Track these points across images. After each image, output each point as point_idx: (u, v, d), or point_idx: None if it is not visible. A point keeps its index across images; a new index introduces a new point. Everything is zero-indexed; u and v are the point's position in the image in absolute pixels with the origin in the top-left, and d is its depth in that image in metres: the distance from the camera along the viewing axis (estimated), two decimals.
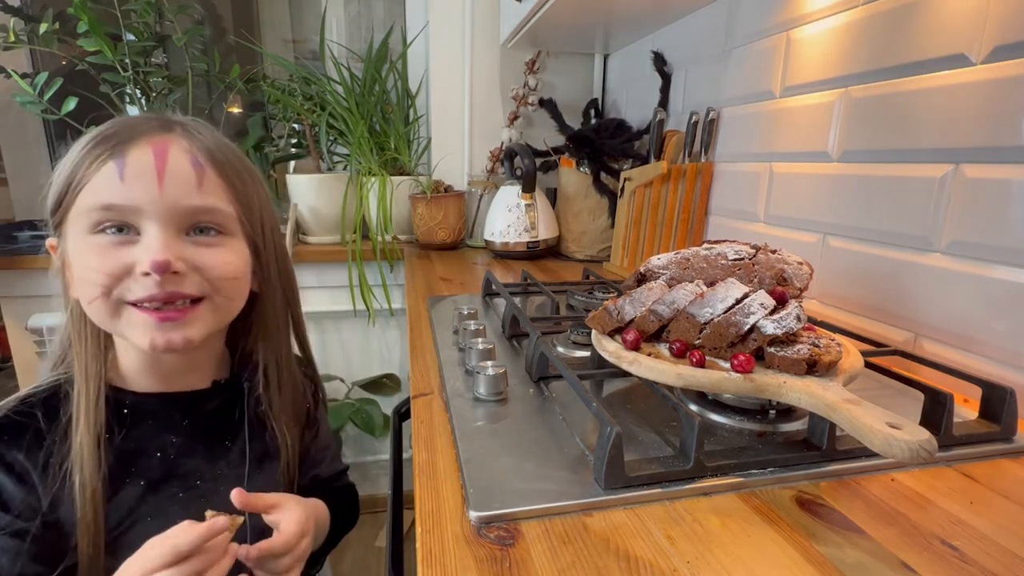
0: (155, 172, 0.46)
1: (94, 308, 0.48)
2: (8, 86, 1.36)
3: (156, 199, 0.46)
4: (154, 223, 0.47)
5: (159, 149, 0.47)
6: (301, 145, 1.61)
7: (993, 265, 0.57)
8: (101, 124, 0.49)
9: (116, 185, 0.46)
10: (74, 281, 0.49)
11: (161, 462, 0.52)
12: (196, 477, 0.54)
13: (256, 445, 0.59)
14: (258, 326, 0.59)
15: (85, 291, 0.47)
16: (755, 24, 0.92)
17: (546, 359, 0.58)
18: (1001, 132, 0.55)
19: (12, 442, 0.48)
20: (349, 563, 1.50)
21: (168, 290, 0.47)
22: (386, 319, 1.59)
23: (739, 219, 0.98)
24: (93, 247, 0.47)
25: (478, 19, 1.54)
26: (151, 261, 0.45)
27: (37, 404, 0.50)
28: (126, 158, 0.46)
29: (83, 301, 0.48)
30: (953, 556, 0.35)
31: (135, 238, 0.47)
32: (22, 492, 0.47)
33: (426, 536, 0.36)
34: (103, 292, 0.46)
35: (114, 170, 0.45)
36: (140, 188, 0.46)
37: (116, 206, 0.46)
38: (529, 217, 1.34)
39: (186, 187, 0.48)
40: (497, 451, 0.45)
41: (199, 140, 0.50)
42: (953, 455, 0.46)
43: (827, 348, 0.47)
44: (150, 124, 0.49)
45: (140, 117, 0.50)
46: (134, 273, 0.46)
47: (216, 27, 1.68)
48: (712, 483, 0.41)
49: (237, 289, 0.53)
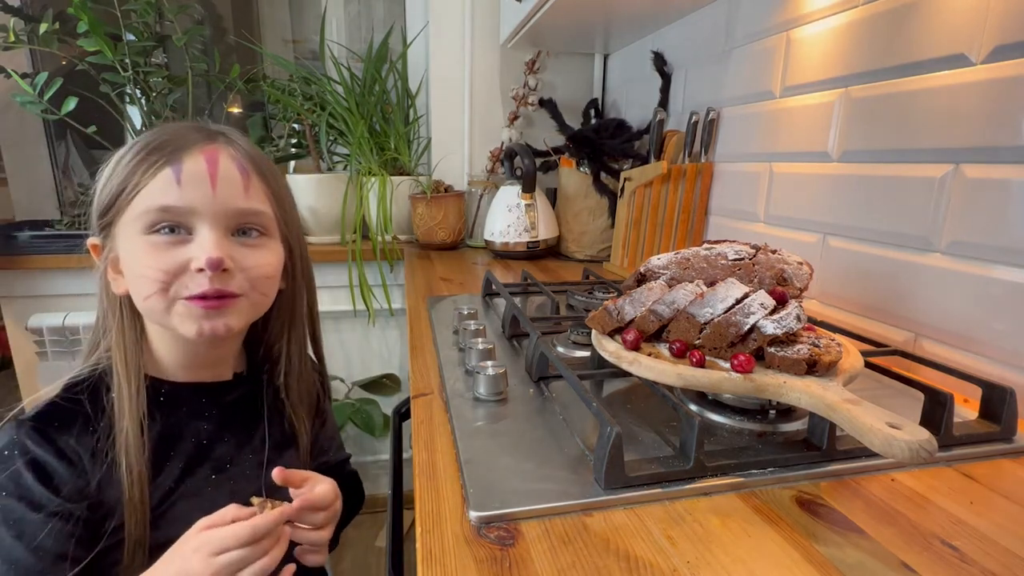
0: (208, 177, 0.51)
1: (150, 303, 0.51)
2: (8, 86, 1.36)
3: (210, 201, 0.51)
4: (207, 224, 0.51)
5: (211, 156, 0.51)
6: (301, 145, 1.61)
7: (993, 265, 0.57)
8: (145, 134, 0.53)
9: (173, 188, 0.50)
10: (126, 278, 0.52)
11: (195, 446, 0.56)
12: (226, 461, 0.58)
13: (275, 433, 0.62)
14: (281, 320, 0.63)
15: (141, 287, 0.51)
16: (755, 24, 0.92)
17: (546, 359, 0.58)
18: (1001, 132, 0.55)
19: (63, 428, 0.50)
20: (349, 563, 1.50)
21: (216, 287, 0.51)
22: (386, 319, 1.59)
23: (739, 219, 0.98)
24: (149, 247, 0.50)
25: (478, 19, 1.54)
26: (207, 258, 0.50)
27: (83, 391, 0.53)
28: (182, 164, 0.50)
29: (138, 296, 0.52)
30: (953, 556, 0.35)
31: (188, 238, 0.51)
32: (72, 476, 0.49)
33: (426, 536, 0.36)
34: (160, 288, 0.50)
35: (171, 175, 0.49)
36: (195, 191, 0.50)
37: (173, 208, 0.50)
38: (529, 217, 1.34)
39: (235, 191, 0.53)
40: (497, 451, 0.45)
41: (240, 147, 0.55)
42: (953, 455, 0.46)
43: (827, 348, 0.47)
44: (199, 134, 0.53)
45: (185, 126, 0.53)
46: (189, 270, 0.51)
47: (216, 27, 1.68)
48: (712, 483, 0.41)
49: (271, 287, 0.58)
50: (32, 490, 0.47)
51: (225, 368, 0.62)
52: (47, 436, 0.49)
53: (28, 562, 0.46)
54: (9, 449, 0.49)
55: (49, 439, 0.49)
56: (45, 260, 1.28)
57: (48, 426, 0.50)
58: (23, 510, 0.47)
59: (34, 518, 0.47)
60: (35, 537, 0.46)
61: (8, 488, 0.47)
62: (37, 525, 0.47)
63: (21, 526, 0.46)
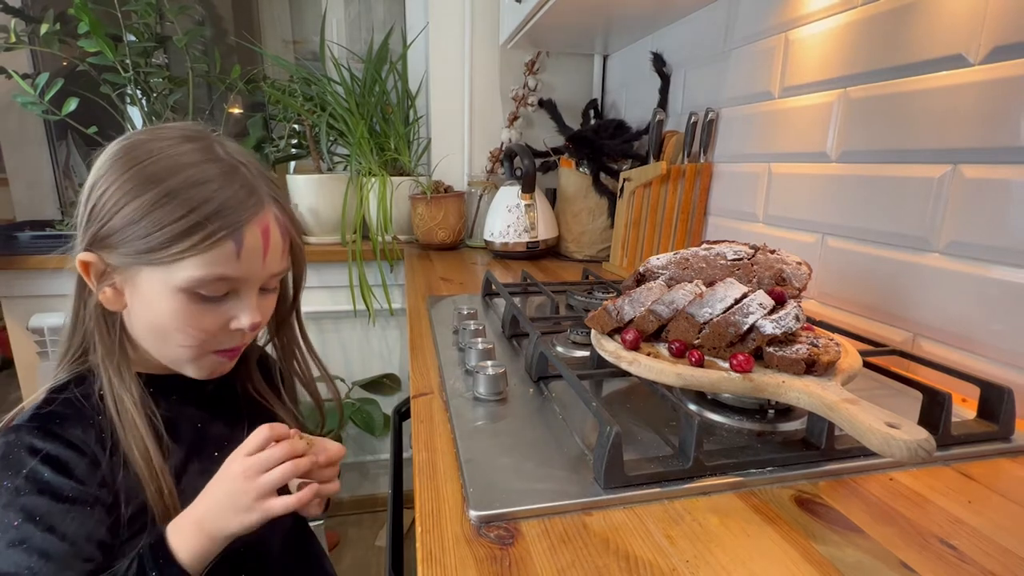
0: (263, 249, 0.54)
1: (176, 352, 0.54)
2: (9, 87, 1.37)
3: (259, 271, 0.54)
4: (251, 289, 0.55)
5: (265, 229, 0.54)
6: (301, 146, 1.61)
7: (991, 265, 0.57)
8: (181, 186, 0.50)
9: (233, 261, 0.52)
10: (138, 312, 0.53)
11: (193, 429, 0.59)
12: (224, 440, 0.60)
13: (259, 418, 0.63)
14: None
15: (174, 338, 0.53)
16: (754, 25, 0.92)
17: (546, 359, 0.58)
18: (999, 132, 0.55)
19: (64, 423, 0.52)
20: (349, 563, 1.50)
21: (246, 340, 0.57)
22: (386, 319, 1.59)
23: (738, 219, 0.98)
24: (191, 305, 0.52)
25: (478, 20, 1.54)
26: (251, 324, 0.54)
27: (71, 390, 0.54)
28: (244, 239, 0.52)
29: (163, 341, 0.54)
30: (951, 555, 0.35)
31: (228, 297, 0.54)
32: (87, 464, 0.51)
33: (426, 536, 0.36)
34: (198, 344, 0.54)
35: (232, 249, 0.51)
36: (251, 264, 0.53)
37: (231, 277, 0.52)
38: (529, 217, 1.34)
39: (277, 257, 0.56)
40: (497, 451, 0.45)
41: (280, 204, 0.56)
42: (951, 454, 0.46)
43: (826, 348, 0.47)
44: (249, 196, 0.53)
45: (231, 187, 0.52)
46: (227, 328, 0.54)
47: (217, 28, 1.68)
48: (711, 482, 0.41)
49: None
50: (52, 483, 0.48)
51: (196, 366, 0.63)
52: (51, 432, 0.50)
53: (62, 551, 0.47)
54: (15, 453, 0.49)
55: (54, 435, 0.50)
56: (46, 260, 1.28)
57: (49, 424, 0.51)
58: (48, 504, 0.48)
59: (60, 508, 0.48)
60: (66, 526, 0.47)
61: (27, 488, 0.48)
62: (65, 514, 0.48)
63: (49, 519, 0.47)
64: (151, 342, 0.55)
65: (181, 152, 0.52)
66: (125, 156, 0.51)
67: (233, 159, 0.54)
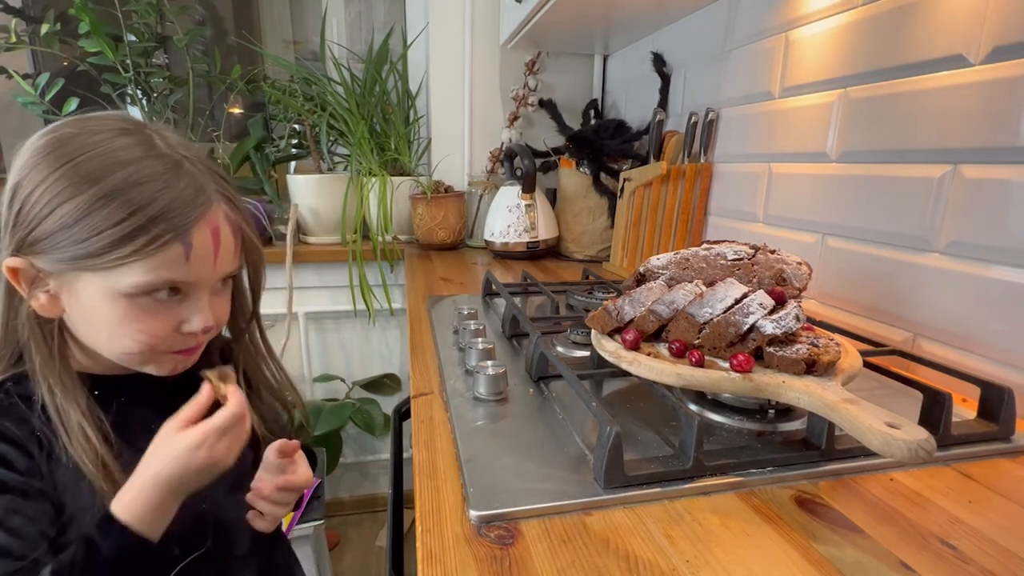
0: (212, 250, 0.50)
1: (124, 358, 0.51)
2: (9, 87, 1.37)
3: (210, 272, 0.51)
4: (203, 291, 0.51)
5: (214, 229, 0.50)
6: (302, 145, 1.61)
7: (991, 265, 0.57)
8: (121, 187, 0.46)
9: (182, 265, 0.48)
10: (77, 318, 0.50)
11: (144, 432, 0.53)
12: None
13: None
14: None
15: (119, 344, 0.50)
16: (754, 25, 0.92)
17: (546, 359, 0.58)
18: (1000, 132, 0.55)
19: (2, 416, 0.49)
20: (349, 562, 1.50)
21: (200, 341, 0.53)
22: (386, 319, 1.59)
23: (738, 219, 0.98)
24: (137, 311, 0.48)
25: (478, 20, 1.54)
26: (203, 327, 0.51)
27: (5, 388, 0.50)
28: (192, 241, 0.48)
29: (108, 348, 0.50)
30: (952, 555, 0.35)
31: (175, 298, 0.50)
32: (22, 456, 0.48)
33: (426, 535, 0.36)
34: (147, 348, 0.50)
35: (181, 252, 0.48)
36: (200, 265, 0.50)
37: (180, 281, 0.49)
38: (529, 217, 1.34)
39: (229, 257, 0.53)
40: (497, 451, 0.45)
41: (229, 200, 0.52)
42: (951, 454, 0.46)
43: (826, 348, 0.47)
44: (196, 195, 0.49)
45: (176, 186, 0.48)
46: (179, 330, 0.51)
47: (217, 28, 1.68)
48: (711, 482, 0.41)
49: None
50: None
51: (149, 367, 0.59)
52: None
53: (7, 543, 0.44)
54: None
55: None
56: None
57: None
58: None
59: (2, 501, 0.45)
60: (8, 517, 0.45)
61: None
62: (6, 505, 0.45)
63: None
64: (98, 346, 0.51)
65: (118, 148, 0.47)
66: (55, 151, 0.47)
67: (176, 154, 0.49)
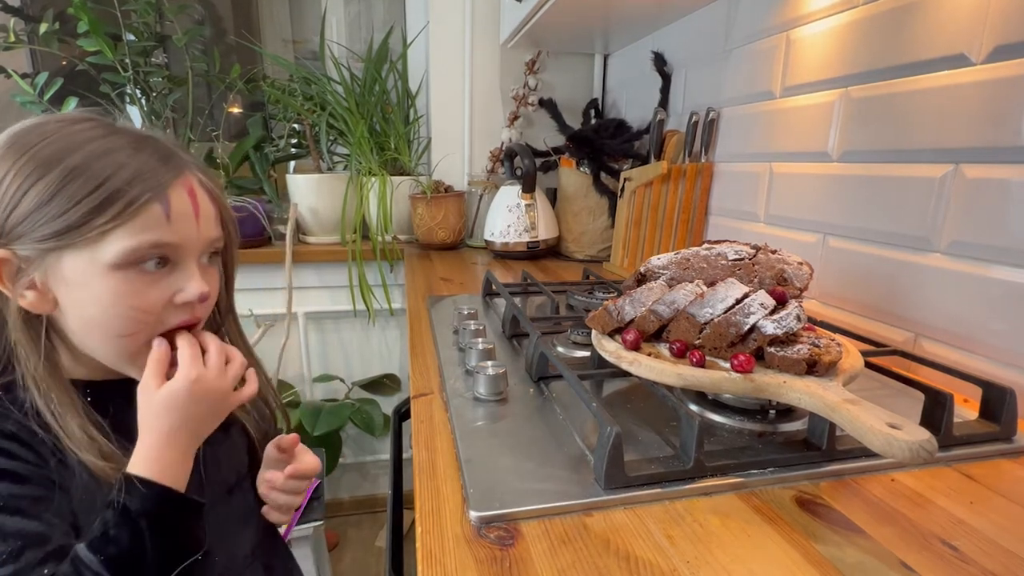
0: (193, 211, 0.50)
1: (122, 342, 0.49)
2: (8, 86, 1.36)
3: (195, 236, 0.50)
4: (192, 257, 0.51)
5: (190, 190, 0.50)
6: (301, 145, 1.61)
7: (993, 265, 0.57)
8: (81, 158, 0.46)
9: (164, 225, 0.48)
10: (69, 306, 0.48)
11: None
12: None
13: None
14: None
15: (115, 326, 0.48)
16: (755, 24, 0.92)
17: (546, 359, 0.58)
18: (1001, 132, 0.55)
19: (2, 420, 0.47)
20: (349, 563, 1.50)
21: (198, 315, 0.52)
22: (386, 319, 1.59)
23: (739, 219, 0.98)
24: (127, 284, 0.47)
25: (478, 19, 1.54)
26: (199, 293, 0.50)
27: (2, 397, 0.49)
28: (170, 199, 0.48)
29: (104, 332, 0.49)
30: (953, 556, 0.35)
31: (165, 271, 0.50)
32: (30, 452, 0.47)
33: (426, 536, 0.36)
34: (143, 327, 0.49)
35: (160, 211, 0.47)
36: (183, 227, 0.49)
37: (166, 244, 0.48)
38: (529, 217, 1.34)
39: (211, 222, 0.52)
40: (497, 451, 0.45)
41: (200, 170, 0.53)
42: (953, 455, 0.46)
43: (827, 348, 0.47)
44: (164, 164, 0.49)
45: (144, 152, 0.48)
46: (173, 302, 0.50)
47: (216, 27, 1.68)
48: (712, 483, 0.41)
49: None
50: (6, 468, 0.45)
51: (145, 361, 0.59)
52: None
53: (34, 528, 0.44)
54: None
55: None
56: None
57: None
58: (7, 487, 0.44)
59: (21, 491, 0.45)
60: (32, 506, 0.44)
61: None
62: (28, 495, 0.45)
63: (12, 502, 0.44)
64: (91, 340, 0.50)
65: (77, 131, 0.48)
66: (15, 144, 0.47)
67: (139, 133, 0.50)
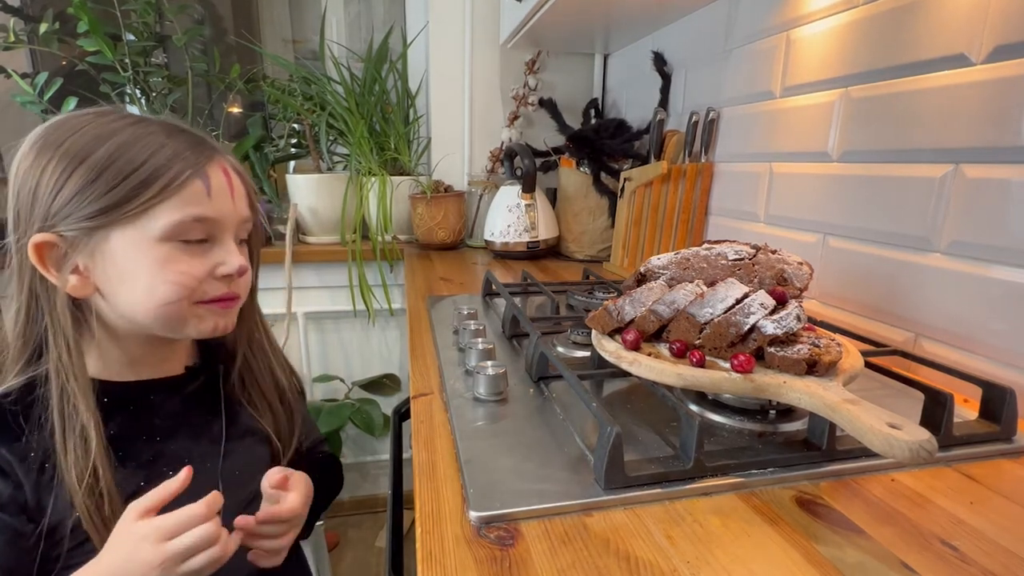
0: (228, 189, 0.53)
1: (167, 310, 0.51)
2: (8, 86, 1.36)
3: (232, 212, 0.54)
4: (229, 233, 0.54)
5: (224, 170, 0.53)
6: (301, 145, 1.61)
7: (993, 265, 0.57)
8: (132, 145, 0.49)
9: (205, 200, 0.51)
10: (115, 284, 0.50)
11: (148, 445, 0.55)
12: (184, 454, 0.56)
13: (238, 422, 0.62)
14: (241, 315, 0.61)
15: (163, 294, 0.50)
16: (755, 24, 0.92)
17: (546, 359, 0.58)
18: (1001, 132, 0.55)
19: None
20: (349, 563, 1.50)
21: (234, 290, 0.55)
22: (386, 319, 1.59)
23: (739, 219, 0.98)
24: (176, 254, 0.50)
25: (478, 19, 1.54)
26: (238, 266, 0.53)
27: (14, 401, 0.49)
28: (209, 177, 0.51)
29: (148, 303, 0.50)
30: (953, 556, 0.35)
31: (207, 246, 0.53)
32: (8, 487, 0.47)
33: (426, 536, 0.36)
34: (188, 294, 0.51)
35: (201, 187, 0.50)
36: (222, 203, 0.53)
37: (208, 218, 0.51)
38: (529, 217, 1.34)
39: (243, 202, 0.56)
40: (497, 451, 0.45)
41: (229, 157, 0.56)
42: (953, 455, 0.46)
43: (827, 348, 0.47)
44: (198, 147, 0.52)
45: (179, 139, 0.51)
46: (214, 274, 0.53)
47: (216, 27, 1.68)
48: (712, 483, 0.41)
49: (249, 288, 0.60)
50: None
51: (175, 363, 0.60)
52: None
53: None
54: None
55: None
56: None
57: None
58: None
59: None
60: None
61: None
62: None
63: None
64: (138, 310, 0.50)
65: (106, 121, 0.50)
66: (48, 140, 0.49)
67: (166, 121, 0.53)
